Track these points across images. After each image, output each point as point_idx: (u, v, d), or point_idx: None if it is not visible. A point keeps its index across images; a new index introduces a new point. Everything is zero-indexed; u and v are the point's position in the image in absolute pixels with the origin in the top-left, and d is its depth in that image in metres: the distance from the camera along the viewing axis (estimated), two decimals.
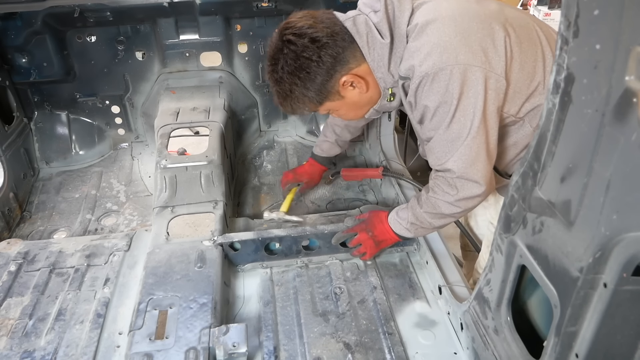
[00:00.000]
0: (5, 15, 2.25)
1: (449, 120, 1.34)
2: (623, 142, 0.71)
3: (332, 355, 1.47)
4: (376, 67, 1.45)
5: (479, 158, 1.37)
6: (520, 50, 1.34)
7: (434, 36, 1.32)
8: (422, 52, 1.33)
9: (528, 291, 1.17)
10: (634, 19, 0.65)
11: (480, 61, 1.29)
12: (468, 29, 1.32)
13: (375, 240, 1.72)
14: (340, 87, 1.46)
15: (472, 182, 1.40)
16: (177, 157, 2.10)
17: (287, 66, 1.42)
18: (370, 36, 1.41)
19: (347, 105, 1.54)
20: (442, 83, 1.30)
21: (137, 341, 1.41)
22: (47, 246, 1.88)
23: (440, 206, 1.48)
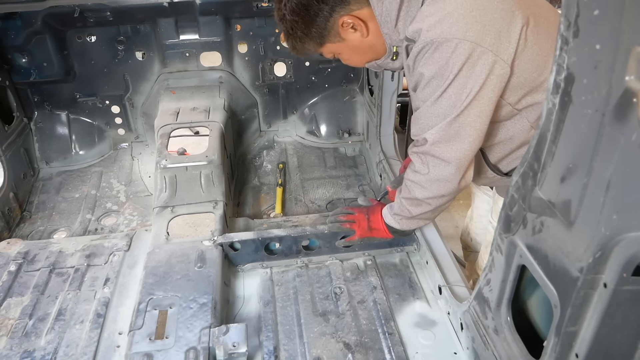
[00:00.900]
0: (5, 15, 2.25)
1: (440, 93, 1.30)
2: (623, 142, 0.71)
3: (332, 355, 1.47)
4: (383, 22, 1.42)
5: (458, 139, 1.34)
6: (535, 42, 1.29)
7: (450, 4, 1.27)
8: (434, 17, 1.28)
9: (528, 291, 1.17)
10: (634, 19, 0.65)
11: (490, 43, 1.24)
12: (487, 6, 1.26)
13: (369, 225, 1.75)
14: (340, 28, 1.44)
15: (444, 162, 1.38)
16: (177, 157, 2.10)
17: (289, 3, 1.42)
18: None
19: (348, 49, 1.52)
20: (443, 54, 1.26)
21: (137, 341, 1.40)
22: (47, 246, 1.88)
23: (414, 190, 1.48)
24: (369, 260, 1.83)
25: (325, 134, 2.81)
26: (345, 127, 2.81)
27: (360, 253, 1.84)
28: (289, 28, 1.48)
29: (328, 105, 2.81)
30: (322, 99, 2.82)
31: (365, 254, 1.84)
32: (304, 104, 2.84)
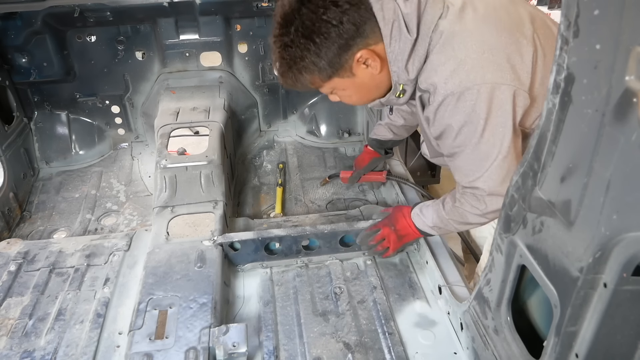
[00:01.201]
0: (5, 15, 2.25)
1: (477, 140, 1.28)
2: (623, 142, 0.71)
3: (332, 355, 1.47)
4: (393, 60, 1.34)
5: (509, 174, 1.32)
6: (544, 65, 1.28)
7: (460, 51, 1.25)
8: (447, 68, 1.25)
9: (528, 291, 1.17)
10: (634, 19, 0.65)
11: (510, 78, 1.23)
12: (496, 44, 1.25)
13: (398, 235, 1.71)
14: (355, 63, 1.34)
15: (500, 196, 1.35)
16: (177, 157, 2.10)
17: (303, 28, 1.27)
18: (396, 26, 1.30)
19: (355, 86, 1.41)
20: (468, 103, 1.24)
21: (137, 341, 1.40)
22: (47, 246, 1.88)
23: (468, 217, 1.46)
24: (369, 260, 1.83)
25: (325, 134, 2.81)
26: (345, 127, 2.81)
27: (360, 253, 1.84)
28: (296, 56, 1.31)
29: (328, 105, 2.80)
30: (322, 99, 2.81)
31: (365, 254, 1.84)
32: (304, 104, 2.84)
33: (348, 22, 1.26)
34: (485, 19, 1.30)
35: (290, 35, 1.29)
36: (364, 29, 1.29)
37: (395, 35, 1.30)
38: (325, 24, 1.25)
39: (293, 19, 1.28)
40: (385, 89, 1.45)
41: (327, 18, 1.25)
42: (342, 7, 1.25)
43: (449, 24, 1.29)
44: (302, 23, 1.27)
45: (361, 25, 1.28)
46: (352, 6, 1.26)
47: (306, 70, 1.34)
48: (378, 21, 1.29)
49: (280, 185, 2.40)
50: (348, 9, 1.26)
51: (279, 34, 1.32)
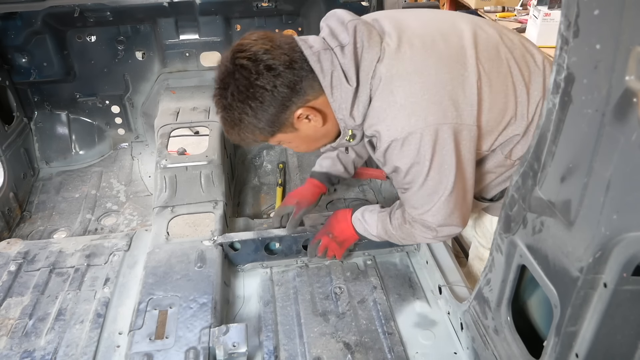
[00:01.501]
0: (5, 15, 2.25)
1: (423, 178, 1.30)
2: (623, 142, 0.71)
3: (332, 355, 1.47)
4: (337, 108, 1.33)
5: (457, 207, 1.35)
6: (490, 91, 1.27)
7: (399, 96, 1.24)
8: (388, 115, 1.25)
9: (528, 291, 1.17)
10: (634, 19, 0.65)
11: (451, 117, 1.23)
12: (436, 82, 1.23)
13: (337, 242, 1.72)
14: (295, 120, 1.33)
15: (451, 227, 1.40)
16: (177, 157, 2.10)
17: (238, 94, 1.27)
18: (335, 77, 1.29)
19: (300, 139, 1.42)
20: (412, 146, 1.25)
21: (137, 341, 1.40)
22: (47, 246, 1.88)
23: (417, 238, 1.48)
24: (369, 260, 1.83)
25: None
26: None
27: (360, 253, 1.84)
28: (235, 119, 1.32)
29: None
30: None
31: (365, 254, 1.84)
32: None
33: (282, 85, 1.26)
34: (423, 56, 1.27)
35: (228, 98, 1.29)
36: (300, 88, 1.28)
37: (335, 85, 1.29)
38: (258, 89, 1.25)
39: (229, 83, 1.28)
40: (334, 134, 1.44)
41: (260, 83, 1.25)
42: (275, 70, 1.25)
43: (386, 68, 1.26)
44: (236, 88, 1.27)
45: (297, 84, 1.27)
46: (287, 68, 1.26)
47: (247, 130, 1.34)
48: (317, 74, 1.28)
49: (280, 185, 2.40)
50: (282, 71, 1.25)
51: (217, 96, 1.33)
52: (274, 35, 1.31)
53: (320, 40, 1.33)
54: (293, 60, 1.27)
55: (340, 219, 1.71)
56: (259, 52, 1.25)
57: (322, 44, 1.31)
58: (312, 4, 2.49)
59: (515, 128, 1.33)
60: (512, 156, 1.38)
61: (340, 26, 1.33)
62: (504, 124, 1.32)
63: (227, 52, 1.31)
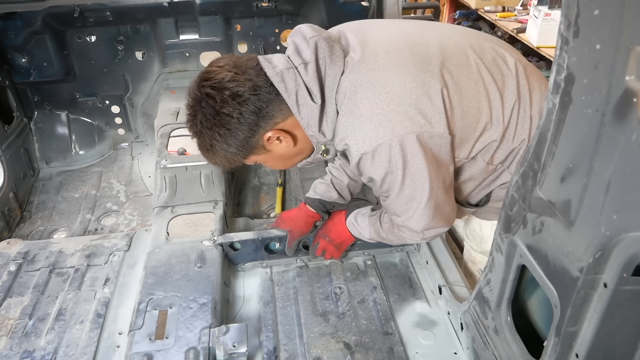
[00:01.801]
0: (5, 15, 2.25)
1: (399, 187, 1.30)
2: (623, 142, 0.71)
3: (332, 355, 1.47)
4: (307, 126, 1.34)
5: (439, 209, 1.36)
6: (461, 98, 1.27)
7: (364, 108, 1.23)
8: (356, 128, 1.25)
9: (528, 291, 1.17)
10: (634, 19, 0.65)
11: (419, 125, 1.22)
12: (400, 92, 1.23)
13: (334, 244, 1.72)
14: (265, 142, 1.34)
15: (437, 228, 1.40)
16: (177, 157, 2.10)
17: (206, 121, 1.28)
18: (300, 95, 1.29)
19: (274, 158, 1.43)
20: (383, 157, 1.24)
21: (137, 341, 1.40)
22: (47, 246, 1.88)
23: (406, 240, 1.49)
24: (369, 260, 1.83)
25: None
26: None
27: (360, 253, 1.84)
28: (207, 144, 1.34)
29: None
30: None
31: (365, 254, 1.84)
32: None
33: (247, 111, 1.26)
34: (385, 67, 1.26)
35: (197, 125, 1.31)
36: (267, 112, 1.29)
37: (301, 103, 1.30)
38: (225, 116, 1.26)
39: (197, 111, 1.29)
40: (309, 150, 1.44)
41: (226, 111, 1.26)
42: (241, 97, 1.25)
43: (350, 81, 1.26)
44: (204, 116, 1.28)
45: (263, 109, 1.28)
46: (252, 94, 1.26)
47: (219, 154, 1.36)
48: (281, 94, 1.29)
49: (280, 185, 2.40)
50: (247, 98, 1.26)
51: (188, 122, 1.34)
52: (239, 60, 1.31)
53: (284, 59, 1.32)
54: (257, 85, 1.27)
55: (337, 221, 1.72)
56: (224, 80, 1.26)
57: (285, 63, 1.30)
58: (312, 4, 2.49)
59: (492, 134, 1.32)
60: (493, 161, 1.38)
61: (303, 42, 1.32)
62: (480, 130, 1.31)
63: (195, 78, 1.32)
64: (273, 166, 1.51)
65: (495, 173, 1.42)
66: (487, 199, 1.51)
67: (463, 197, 1.52)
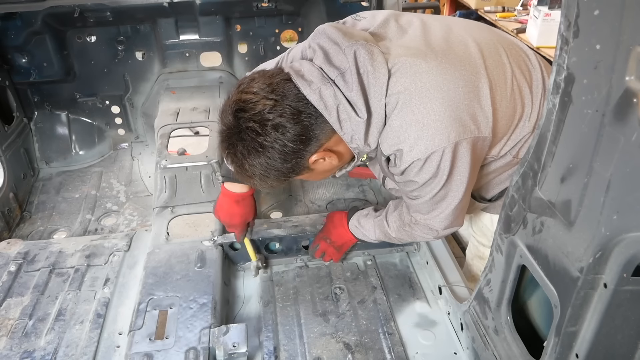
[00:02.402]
0: (5, 15, 2.25)
1: (437, 190, 1.29)
2: (623, 142, 0.71)
3: (332, 355, 1.47)
4: (350, 140, 1.27)
5: (462, 211, 1.38)
6: (501, 99, 1.26)
7: (421, 114, 1.19)
8: (411, 135, 1.20)
9: (528, 291, 1.17)
10: (634, 19, 0.65)
11: (470, 131, 1.21)
12: (455, 98, 1.20)
13: (334, 247, 1.72)
14: (310, 164, 1.29)
15: (454, 227, 1.42)
16: (177, 157, 2.10)
17: (248, 154, 1.21)
18: (341, 110, 1.21)
19: (317, 174, 1.39)
20: (433, 164, 1.23)
21: (137, 341, 1.40)
22: (47, 246, 1.87)
23: (417, 238, 1.49)
24: (369, 260, 1.83)
25: None
26: None
27: (360, 253, 1.84)
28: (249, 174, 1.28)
29: None
30: None
31: (365, 254, 1.84)
32: None
33: (290, 140, 1.19)
34: (438, 69, 1.21)
35: (238, 155, 1.24)
36: (311, 136, 1.22)
37: (344, 119, 1.22)
38: (268, 148, 1.20)
39: (236, 143, 1.22)
40: (349, 159, 1.39)
41: (269, 144, 1.19)
42: (284, 127, 1.18)
43: (403, 85, 1.20)
44: (245, 148, 1.21)
45: (306, 134, 1.21)
46: (294, 122, 1.18)
47: (261, 182, 1.30)
48: (322, 113, 1.21)
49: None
50: (290, 127, 1.18)
51: (226, 151, 1.27)
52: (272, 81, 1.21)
53: (317, 72, 1.22)
54: (298, 111, 1.19)
55: (337, 223, 1.71)
56: (264, 112, 1.17)
57: (320, 78, 1.21)
58: (312, 4, 2.49)
59: (523, 130, 1.33)
60: (518, 156, 1.38)
61: (333, 47, 1.24)
62: (513, 127, 1.32)
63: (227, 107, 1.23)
64: (314, 179, 1.46)
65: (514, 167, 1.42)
66: (500, 195, 1.51)
67: (477, 190, 1.52)
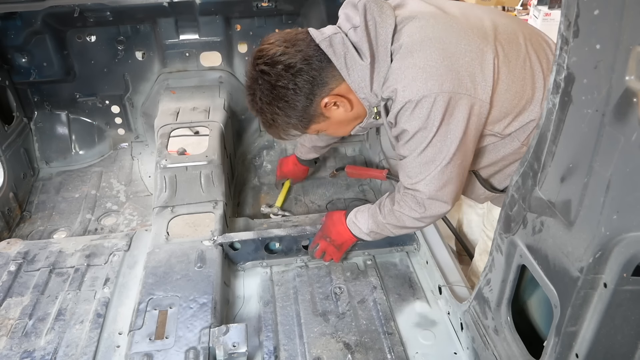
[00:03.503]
0: (5, 15, 2.25)
1: (426, 144, 1.32)
2: (623, 142, 0.71)
3: (332, 355, 1.47)
4: (358, 88, 1.39)
5: (451, 181, 1.37)
6: (508, 71, 1.30)
7: (420, 59, 1.26)
8: (407, 76, 1.27)
9: (528, 291, 1.17)
10: (634, 19, 0.65)
11: (466, 88, 1.25)
12: (456, 53, 1.26)
13: (334, 245, 1.72)
14: (323, 109, 1.42)
15: (441, 202, 1.41)
16: (177, 157, 2.10)
17: (265, 97, 1.38)
18: (349, 57, 1.34)
19: (334, 125, 1.51)
20: (424, 110, 1.27)
21: (137, 341, 1.40)
22: (47, 246, 1.87)
23: (405, 221, 1.49)
24: (369, 260, 1.83)
25: None
26: None
27: (360, 252, 1.84)
28: (269, 120, 1.44)
29: None
30: None
31: (365, 254, 1.84)
32: None
33: (302, 81, 1.34)
34: (444, 26, 1.31)
35: (257, 103, 1.41)
36: (321, 79, 1.36)
37: (351, 66, 1.35)
38: (281, 89, 1.35)
39: (255, 89, 1.40)
40: (363, 115, 1.51)
41: (282, 84, 1.35)
42: (294, 68, 1.33)
43: (408, 34, 1.30)
44: (262, 93, 1.38)
45: (317, 77, 1.35)
46: (304, 63, 1.34)
47: (282, 128, 1.47)
48: (331, 58, 1.34)
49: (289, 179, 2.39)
50: (300, 69, 1.33)
51: (249, 103, 1.45)
52: (288, 35, 1.40)
53: (333, 27, 1.40)
54: (308, 55, 1.34)
55: (336, 222, 1.72)
56: (275, 55, 1.34)
57: (333, 30, 1.38)
58: (312, 4, 2.49)
59: (531, 113, 1.34)
60: (527, 144, 1.39)
61: (353, 10, 1.38)
62: (520, 107, 1.33)
63: (250, 59, 1.43)
64: (334, 133, 1.60)
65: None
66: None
67: (490, 177, 1.53)
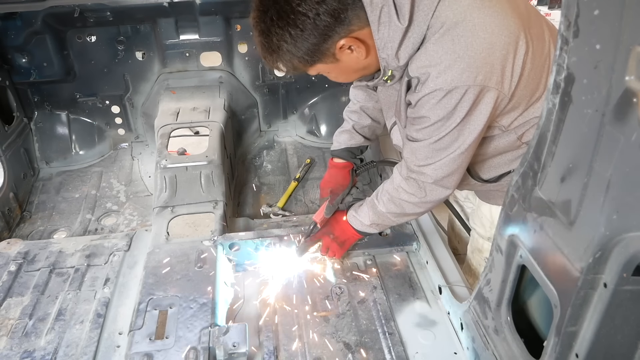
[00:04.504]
0: (5, 15, 2.25)
1: (445, 134, 1.28)
2: (623, 142, 0.71)
3: (332, 355, 1.47)
4: (382, 47, 1.26)
5: (459, 170, 1.36)
6: (532, 67, 1.25)
7: (459, 46, 1.18)
8: (444, 61, 1.20)
9: (528, 291, 1.17)
10: (634, 19, 0.65)
11: (496, 82, 1.21)
12: (495, 43, 1.19)
13: (338, 242, 1.72)
14: (337, 50, 1.26)
15: (443, 189, 1.40)
16: (177, 157, 2.10)
17: (278, 18, 1.19)
18: (385, 12, 1.20)
19: (339, 69, 1.36)
20: (452, 101, 1.22)
21: (137, 341, 1.40)
22: (47, 246, 1.87)
23: (405, 207, 1.48)
24: (369, 260, 1.83)
25: (325, 134, 2.81)
26: None
27: (360, 252, 1.84)
28: (273, 45, 1.25)
29: (328, 105, 2.80)
30: (322, 99, 2.81)
31: (365, 254, 1.84)
32: (304, 104, 2.84)
33: (325, 13, 1.18)
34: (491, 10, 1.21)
35: (267, 22, 1.22)
36: (345, 17, 1.21)
37: (384, 22, 1.22)
38: (300, 15, 1.18)
39: (269, 6, 1.21)
40: (373, 69, 1.38)
41: (302, 10, 1.18)
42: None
43: (452, 11, 1.20)
44: (277, 12, 1.20)
45: (341, 13, 1.20)
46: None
47: (285, 58, 1.28)
48: (365, 6, 1.21)
49: (296, 179, 2.39)
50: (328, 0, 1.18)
51: (255, 19, 1.25)
52: None
53: None
54: None
55: (339, 219, 1.72)
56: None
57: None
58: None
59: (537, 110, 1.32)
60: (522, 138, 1.38)
61: None
62: (530, 103, 1.31)
63: None
64: (336, 78, 1.43)
65: (519, 151, 1.41)
66: (496, 179, 1.51)
67: (476, 168, 1.51)
